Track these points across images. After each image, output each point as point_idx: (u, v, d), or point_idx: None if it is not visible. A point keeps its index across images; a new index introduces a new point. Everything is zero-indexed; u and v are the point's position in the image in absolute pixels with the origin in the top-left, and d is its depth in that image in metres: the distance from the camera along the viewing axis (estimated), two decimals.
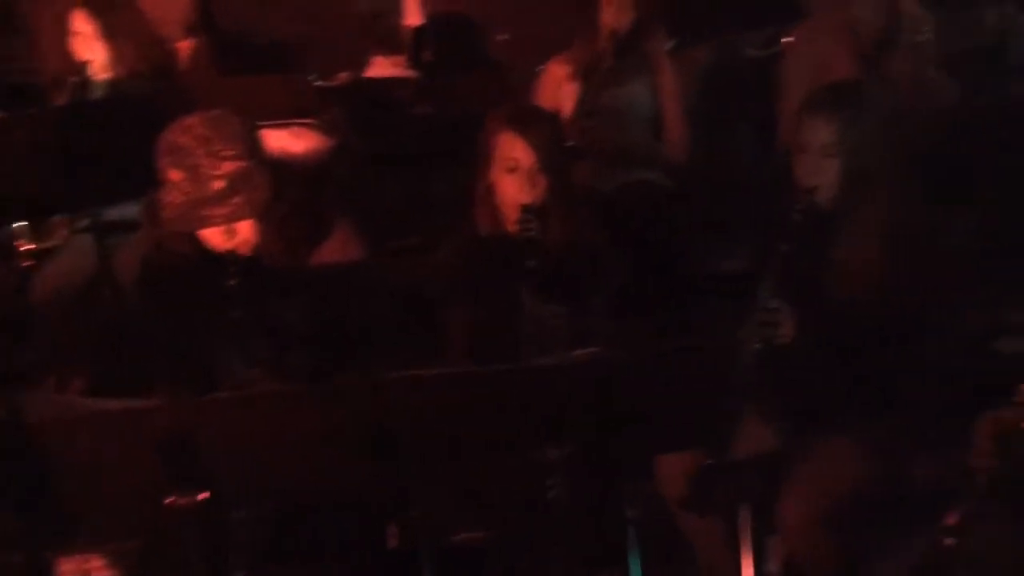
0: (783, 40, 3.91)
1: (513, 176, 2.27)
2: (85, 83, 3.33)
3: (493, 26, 4.05)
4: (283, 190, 2.20)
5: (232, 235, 2.13)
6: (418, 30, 4.64)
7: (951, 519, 1.74)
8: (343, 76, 4.36)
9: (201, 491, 1.67)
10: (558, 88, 3.42)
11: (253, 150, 2.13)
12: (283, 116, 3.57)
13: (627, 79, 3.34)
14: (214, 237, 2.13)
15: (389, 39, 4.55)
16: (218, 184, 2.06)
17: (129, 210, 2.89)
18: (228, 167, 2.06)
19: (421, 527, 2.08)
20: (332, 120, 3.68)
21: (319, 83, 4.17)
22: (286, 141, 3.23)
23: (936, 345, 2.31)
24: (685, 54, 3.93)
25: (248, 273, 2.13)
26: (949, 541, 1.74)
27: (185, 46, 3.96)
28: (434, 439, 1.79)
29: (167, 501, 1.63)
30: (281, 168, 2.29)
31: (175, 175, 2.06)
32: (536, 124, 2.32)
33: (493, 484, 2.12)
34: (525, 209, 2.24)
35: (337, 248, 2.29)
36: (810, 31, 3.43)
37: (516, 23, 4.01)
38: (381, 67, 4.51)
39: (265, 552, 2.01)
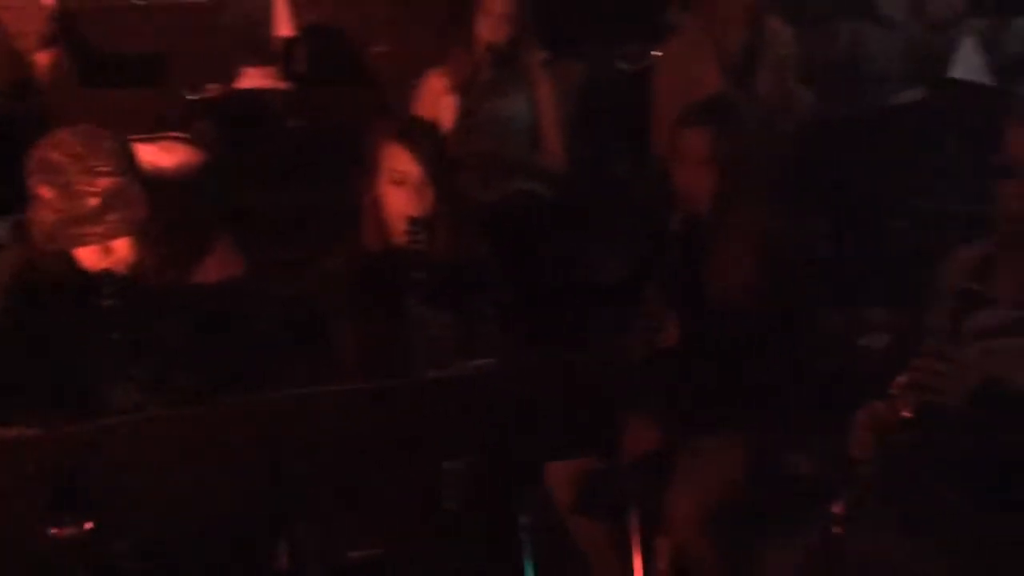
0: (653, 54, 4.03)
1: (400, 188, 2.27)
2: None
3: (368, 38, 4.03)
4: (159, 206, 2.14)
5: (108, 253, 2.06)
6: (289, 41, 4.58)
7: (838, 509, 1.82)
8: (213, 88, 4.27)
9: (85, 521, 1.60)
10: (436, 100, 3.43)
11: (128, 166, 2.07)
12: (151, 129, 3.46)
13: (504, 91, 3.38)
14: (89, 256, 2.05)
15: (260, 50, 4.48)
16: (93, 201, 1.98)
17: None
18: (103, 183, 1.99)
19: (313, 546, 2.05)
20: (202, 133, 3.59)
21: (188, 95, 4.09)
22: (155, 155, 3.11)
23: (807, 344, 2.42)
24: (560, 67, 4.02)
25: (126, 293, 2.06)
26: (838, 530, 1.82)
27: (44, 59, 3.80)
28: (327, 456, 1.77)
29: (51, 532, 1.56)
30: (156, 183, 2.22)
31: (47, 192, 1.98)
32: (422, 137, 2.32)
33: (388, 499, 2.10)
34: (412, 221, 2.24)
35: (217, 265, 2.23)
36: (679, 46, 3.54)
37: (392, 36, 4.01)
38: (252, 79, 4.43)
39: None
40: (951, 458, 1.79)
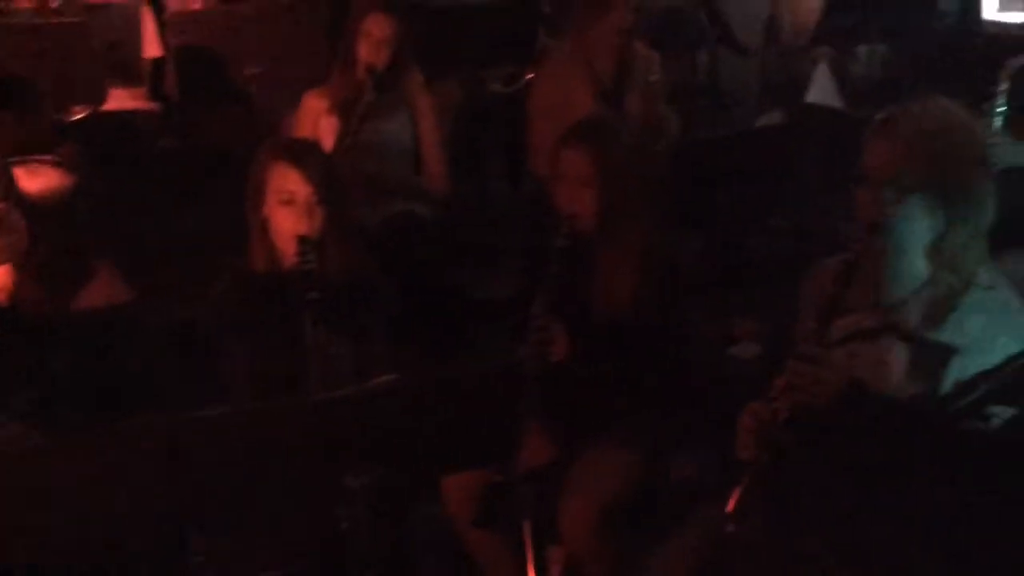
0: (527, 77, 4.14)
1: (289, 208, 2.27)
2: None
3: (241, 60, 4.00)
4: (41, 233, 2.09)
5: None
6: (157, 62, 4.49)
7: (728, 507, 1.92)
8: (80, 110, 4.15)
9: None
10: (316, 121, 3.42)
11: (8, 191, 2.01)
12: (17, 153, 3.35)
13: (386, 113, 3.40)
14: None
15: (128, 71, 4.39)
16: None
17: None
18: None
19: (213, 571, 2.02)
20: (70, 156, 3.49)
21: (55, 117, 3.96)
22: (22, 179, 3.02)
23: (684, 354, 2.53)
24: (437, 89, 4.08)
25: (6, 322, 2.00)
26: (729, 528, 1.92)
27: None
28: (226, 479, 1.76)
29: None
30: (35, 210, 2.17)
31: None
32: (310, 156, 2.33)
33: (288, 521, 2.10)
34: (303, 241, 2.25)
35: (100, 291, 2.19)
36: (553, 69, 3.65)
37: (265, 57, 3.98)
38: (120, 100, 4.33)
39: None
40: (827, 454, 1.92)
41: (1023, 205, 2.91)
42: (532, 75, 4.07)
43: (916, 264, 1.89)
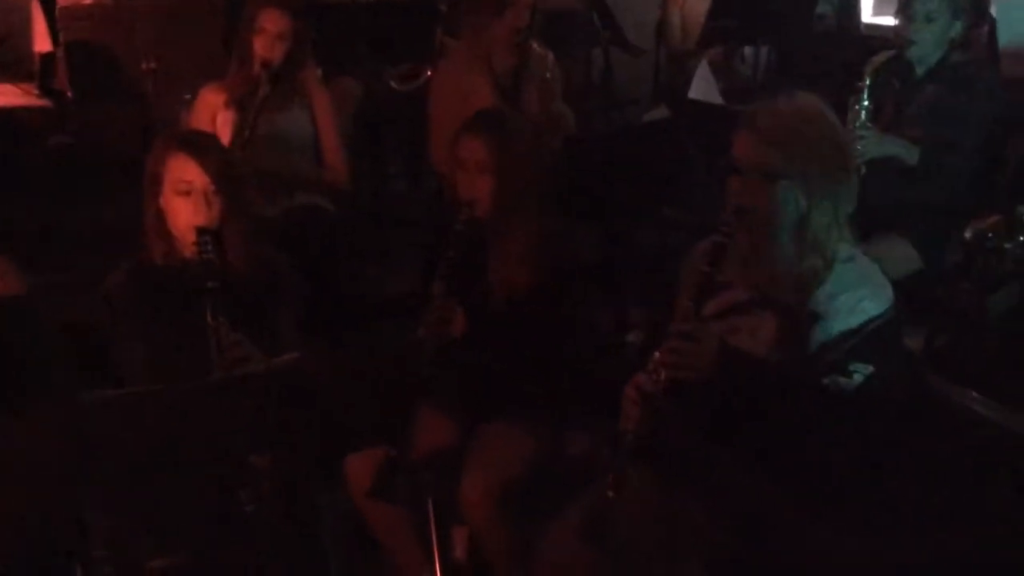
0: (426, 75, 4.21)
1: (186, 199, 2.29)
2: None
3: (137, 55, 3.96)
4: None
5: None
6: (47, 57, 4.42)
7: (611, 477, 2.03)
8: None
9: None
10: (214, 116, 3.43)
11: None
12: None
13: (282, 107, 3.42)
14: None
15: (17, 66, 4.30)
16: None
17: None
18: None
19: (112, 556, 2.04)
20: None
21: None
22: None
23: (580, 338, 2.64)
24: (336, 85, 4.12)
25: None
26: (610, 495, 2.03)
27: None
28: (128, 461, 1.78)
29: None
30: None
31: None
32: (208, 147, 2.35)
33: (189, 503, 2.12)
34: (201, 231, 2.27)
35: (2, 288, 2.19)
36: (453, 65, 3.73)
37: (160, 53, 3.95)
38: (9, 95, 4.25)
39: None
40: (702, 418, 2.05)
41: (891, 193, 3.14)
42: (431, 72, 4.14)
43: (783, 244, 2.04)
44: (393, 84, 4.49)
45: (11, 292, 2.23)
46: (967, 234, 2.88)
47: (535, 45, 3.67)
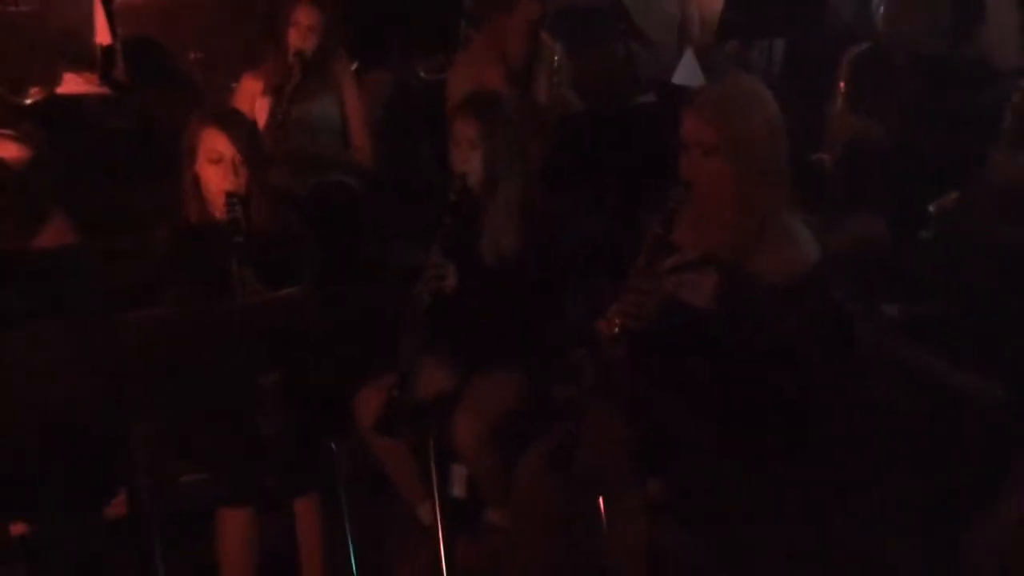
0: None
1: (217, 167, 2.63)
2: None
3: (185, 46, 4.35)
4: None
5: None
6: (106, 49, 4.83)
7: (574, 416, 2.35)
8: (35, 92, 4.48)
9: None
10: (252, 101, 3.79)
11: None
12: None
13: (314, 94, 3.78)
14: None
15: (81, 57, 4.72)
16: None
17: None
18: None
19: (147, 471, 2.40)
20: (28, 133, 3.84)
21: (14, 99, 4.30)
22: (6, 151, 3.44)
23: (565, 302, 2.95)
24: (371, 77, 4.47)
25: None
26: (574, 430, 2.34)
27: None
28: (157, 373, 2.11)
29: None
30: None
31: None
32: (236, 121, 2.70)
33: (212, 426, 2.48)
34: (229, 195, 2.62)
35: (52, 236, 2.56)
36: (470, 55, 4.06)
37: (207, 44, 4.33)
38: (74, 84, 4.66)
39: None
40: (651, 361, 2.35)
41: (867, 173, 3.39)
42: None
43: (722, 211, 2.32)
44: (422, 74, 4.83)
45: (65, 242, 2.59)
46: (931, 209, 3.14)
47: (544, 36, 3.98)
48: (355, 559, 2.85)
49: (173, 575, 2.55)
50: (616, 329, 2.32)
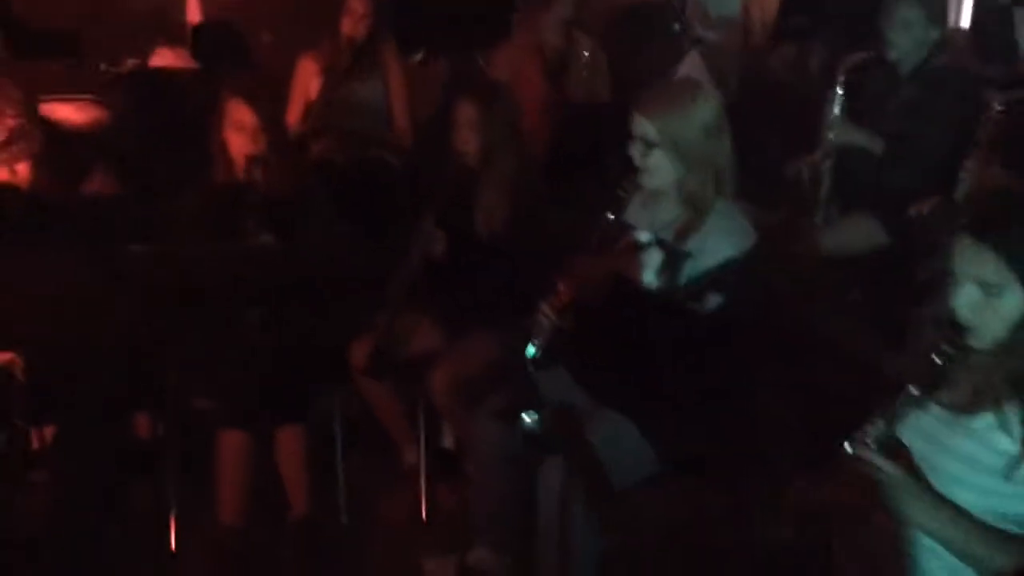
0: None
1: (240, 133, 3.00)
2: None
3: (258, 28, 4.78)
4: (52, 144, 2.88)
5: (14, 174, 2.80)
6: (197, 27, 5.31)
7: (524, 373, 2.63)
8: (130, 63, 4.99)
9: None
10: (308, 81, 4.19)
11: (29, 113, 2.80)
12: (69, 93, 4.21)
13: (362, 77, 4.13)
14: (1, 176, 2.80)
15: (174, 33, 5.21)
16: (1, 136, 2.73)
17: None
18: (9, 123, 2.74)
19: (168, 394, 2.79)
20: (114, 99, 4.33)
21: (109, 68, 4.81)
22: (70, 113, 3.91)
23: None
24: (431, 65, 4.81)
25: (27, 201, 2.80)
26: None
27: None
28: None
29: None
30: (55, 129, 2.96)
31: None
32: (258, 92, 3.05)
33: (219, 354, 2.84)
34: (249, 159, 2.98)
35: (96, 186, 2.98)
36: (510, 49, 4.36)
37: (279, 27, 4.76)
38: (166, 58, 5.16)
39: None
40: (595, 333, 2.60)
41: (861, 177, 3.52)
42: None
43: (666, 199, 2.55)
44: (480, 62, 5.14)
45: (109, 192, 3.00)
46: (911, 213, 3.28)
47: (578, 32, 4.25)
48: (343, 491, 3.21)
49: (182, 495, 2.96)
50: (566, 301, 2.59)
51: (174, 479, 2.99)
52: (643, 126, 2.51)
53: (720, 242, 2.48)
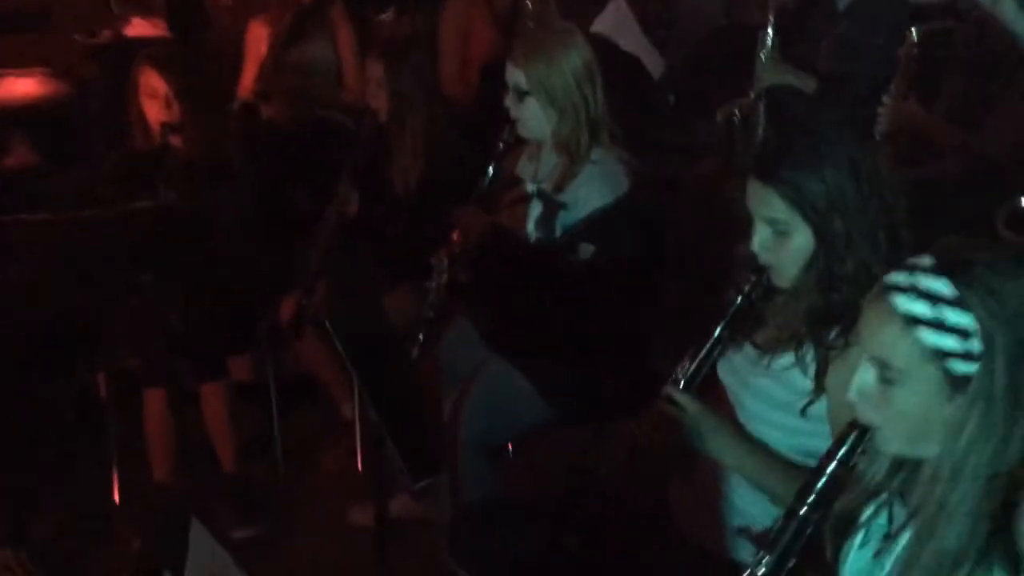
0: None
1: (154, 101, 3.07)
2: None
3: None
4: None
5: None
6: None
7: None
8: (107, 34, 5.10)
9: None
10: (258, 44, 4.24)
11: None
12: (36, 66, 4.33)
13: (311, 38, 4.17)
14: None
15: (146, 4, 5.30)
16: None
17: None
18: None
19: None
20: (90, 70, 4.45)
21: (86, 40, 4.92)
22: (30, 86, 4.02)
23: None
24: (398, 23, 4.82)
25: None
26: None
27: None
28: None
29: None
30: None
31: None
32: (169, 60, 3.12)
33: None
34: (163, 125, 3.05)
35: (15, 159, 3.08)
36: (460, 3, 4.34)
37: None
38: (141, 27, 5.25)
39: None
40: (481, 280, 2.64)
41: (792, 117, 3.46)
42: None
43: (544, 149, 2.56)
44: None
45: (28, 164, 3.11)
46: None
47: None
48: (280, 446, 3.31)
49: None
50: (455, 251, 2.63)
51: (116, 436, 3.13)
52: (515, 75, 2.52)
53: (591, 192, 2.48)
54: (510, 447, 2.86)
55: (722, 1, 4.47)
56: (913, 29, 3.01)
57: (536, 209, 2.57)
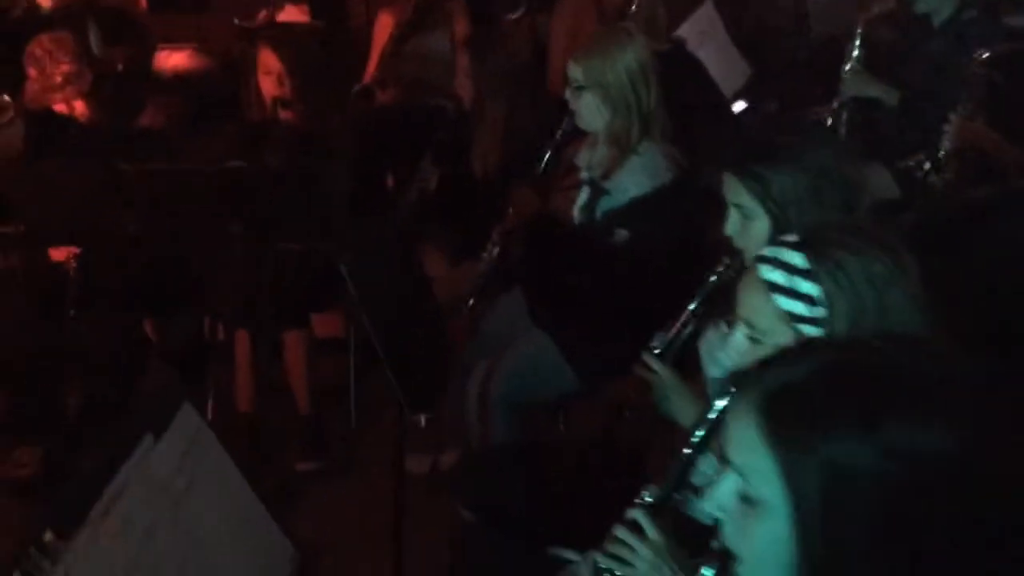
0: None
1: (269, 77, 3.44)
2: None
3: None
4: (102, 84, 3.40)
5: (72, 109, 3.35)
6: None
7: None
8: (262, 17, 5.59)
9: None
10: (384, 33, 4.59)
11: (81, 57, 3.32)
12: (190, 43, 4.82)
13: (431, 29, 4.49)
14: (61, 109, 3.36)
15: None
16: (58, 79, 3.27)
17: None
18: (64, 68, 3.27)
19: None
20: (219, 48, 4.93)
21: (243, 23, 5.42)
22: (181, 60, 4.52)
23: None
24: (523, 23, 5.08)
25: (84, 131, 3.36)
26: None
27: None
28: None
29: None
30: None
31: (32, 72, 3.29)
32: (284, 40, 3.48)
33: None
34: (275, 100, 3.42)
35: (148, 119, 3.50)
36: (568, 5, 4.55)
37: None
38: (292, 14, 5.72)
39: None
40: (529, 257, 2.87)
41: (875, 128, 3.52)
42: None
43: (597, 139, 2.75)
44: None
45: (158, 126, 3.53)
46: (899, 166, 3.28)
47: None
48: (354, 397, 3.63)
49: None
50: (509, 228, 2.87)
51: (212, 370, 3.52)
52: (574, 70, 2.73)
53: (632, 180, 2.66)
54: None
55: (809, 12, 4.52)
56: (983, 50, 3.04)
57: (584, 195, 2.78)
